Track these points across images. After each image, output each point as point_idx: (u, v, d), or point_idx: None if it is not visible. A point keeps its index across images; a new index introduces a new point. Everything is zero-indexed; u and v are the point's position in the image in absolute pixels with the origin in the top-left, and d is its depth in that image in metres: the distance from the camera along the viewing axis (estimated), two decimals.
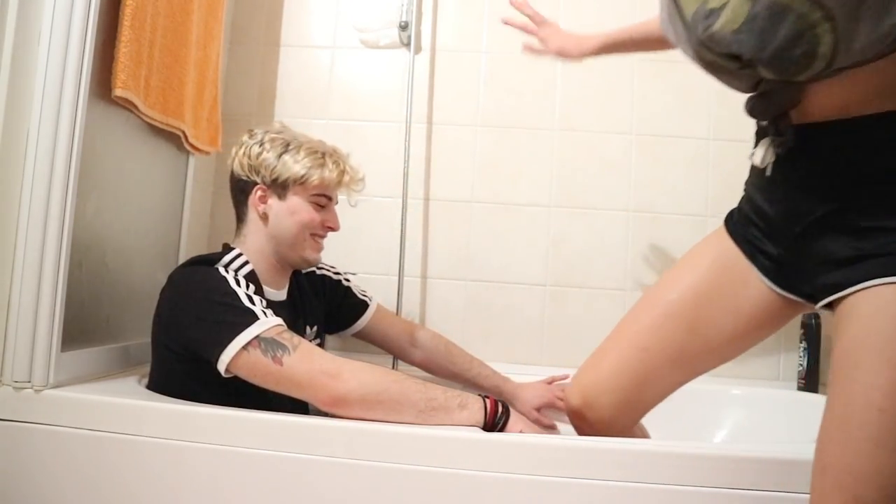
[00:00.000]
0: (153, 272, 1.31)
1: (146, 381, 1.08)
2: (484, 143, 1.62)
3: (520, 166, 1.61)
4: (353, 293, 1.33)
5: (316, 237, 1.15)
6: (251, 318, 0.94)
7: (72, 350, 1.04)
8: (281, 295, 1.16)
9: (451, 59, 1.64)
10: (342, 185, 1.16)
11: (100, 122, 1.10)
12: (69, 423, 0.93)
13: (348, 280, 1.35)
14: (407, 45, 1.59)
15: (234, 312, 0.95)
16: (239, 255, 1.09)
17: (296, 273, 1.21)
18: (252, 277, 1.06)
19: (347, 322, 1.32)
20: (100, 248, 1.15)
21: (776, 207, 0.83)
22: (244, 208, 1.14)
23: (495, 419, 0.96)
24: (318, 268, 1.30)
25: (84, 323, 1.11)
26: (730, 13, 0.65)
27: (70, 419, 0.94)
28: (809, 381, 1.40)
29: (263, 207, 1.12)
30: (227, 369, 0.93)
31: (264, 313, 0.96)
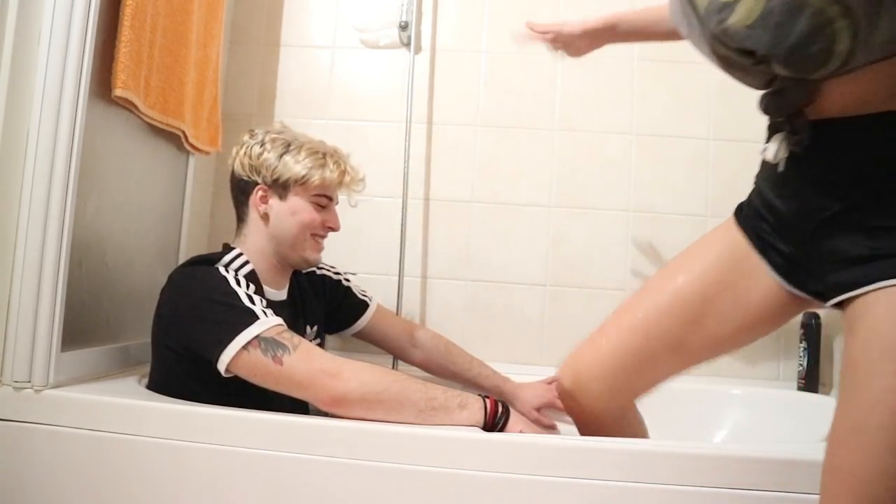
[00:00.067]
0: (153, 272, 1.31)
1: (146, 381, 1.08)
2: (484, 143, 1.62)
3: (520, 166, 1.61)
4: (354, 293, 1.33)
5: (316, 237, 1.15)
6: (251, 317, 0.94)
7: (72, 350, 1.04)
8: (281, 295, 1.16)
9: (451, 59, 1.64)
10: (343, 186, 1.16)
11: (100, 122, 1.10)
12: (69, 423, 0.93)
13: (348, 280, 1.35)
14: (407, 45, 1.60)
15: (235, 312, 0.95)
16: (239, 255, 1.09)
17: (296, 273, 1.21)
18: (252, 277, 1.06)
19: (347, 322, 1.32)
20: (100, 247, 1.15)
21: (788, 204, 0.81)
22: (245, 208, 1.14)
23: (495, 419, 0.96)
24: (319, 268, 1.30)
25: (84, 323, 1.11)
26: (744, 8, 0.64)
27: (70, 419, 0.94)
28: (809, 381, 1.40)
29: (264, 207, 1.12)
30: (228, 369, 0.93)
31: (264, 313, 0.96)
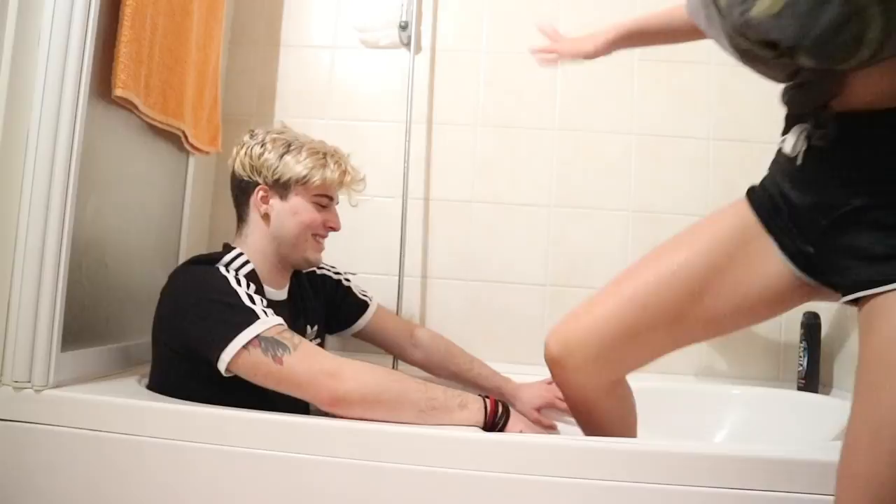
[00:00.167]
0: (153, 272, 1.31)
1: (146, 381, 1.08)
2: (484, 143, 1.62)
3: (520, 166, 1.60)
4: (354, 293, 1.33)
5: (317, 237, 1.15)
6: (252, 317, 0.94)
7: (72, 350, 1.04)
8: (282, 294, 1.16)
9: (451, 59, 1.64)
10: (344, 186, 1.16)
11: (100, 122, 1.10)
12: (69, 423, 0.93)
13: (348, 280, 1.35)
14: (407, 45, 1.59)
15: (235, 312, 0.95)
16: (240, 255, 1.09)
17: (296, 273, 1.21)
18: (253, 277, 1.06)
19: (348, 322, 1.32)
20: (100, 248, 1.15)
21: (803, 197, 0.79)
22: (245, 208, 1.14)
23: (495, 419, 0.96)
24: (319, 268, 1.30)
25: (84, 323, 1.11)
26: None
27: (70, 419, 0.94)
28: (809, 381, 1.40)
29: (265, 208, 1.12)
30: (228, 368, 0.93)
31: (265, 312, 0.96)
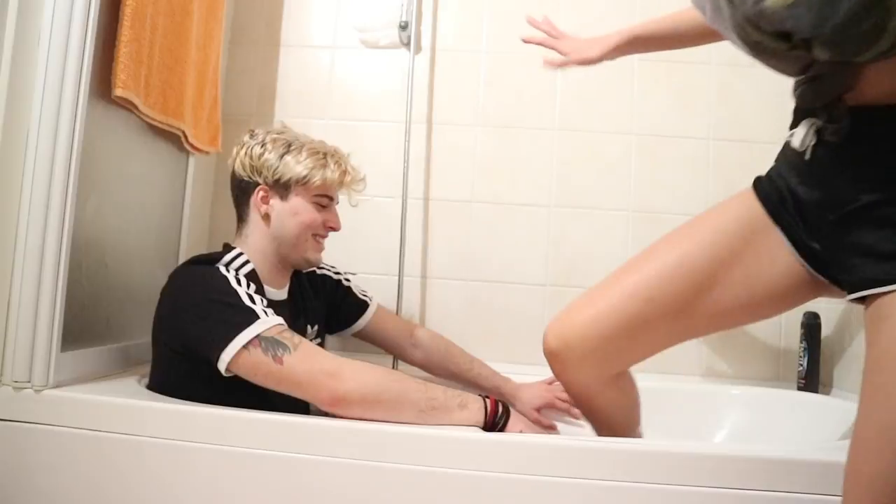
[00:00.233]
0: (153, 272, 1.31)
1: (146, 381, 1.08)
2: (484, 143, 1.62)
3: (520, 166, 1.60)
4: (354, 293, 1.33)
5: (318, 237, 1.15)
6: (252, 317, 0.94)
7: (72, 350, 1.04)
8: (282, 294, 1.16)
9: (451, 59, 1.64)
10: (344, 186, 1.16)
11: (100, 122, 1.10)
12: (69, 423, 0.93)
13: (348, 280, 1.35)
14: (407, 45, 1.59)
15: (235, 311, 0.95)
16: (240, 255, 1.09)
17: (296, 272, 1.21)
18: (253, 277, 1.06)
19: (348, 322, 1.32)
20: (100, 248, 1.15)
21: (811, 192, 0.78)
22: (245, 208, 1.14)
23: (495, 419, 0.96)
24: (319, 267, 1.30)
25: (84, 323, 1.11)
26: None
27: (70, 419, 0.94)
28: (809, 381, 1.40)
29: (265, 208, 1.12)
30: (228, 368, 0.93)
31: (265, 312, 0.96)
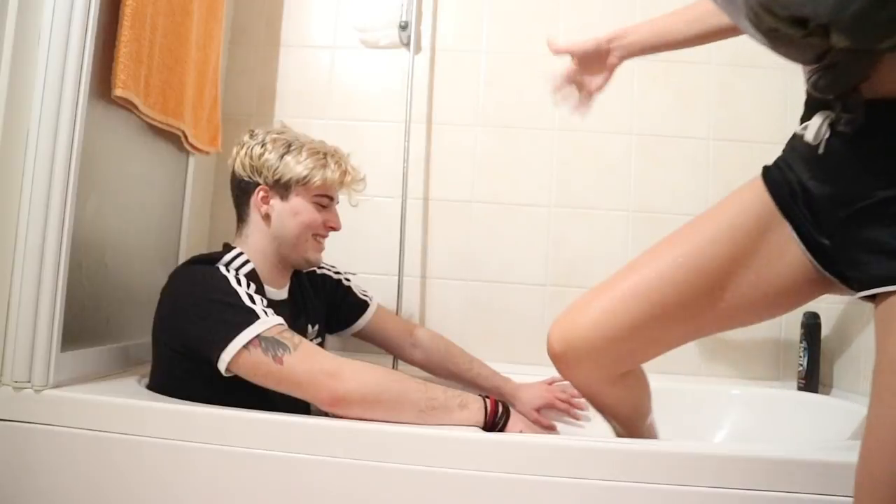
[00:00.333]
0: (153, 272, 1.31)
1: (146, 381, 1.08)
2: (484, 143, 1.62)
3: (520, 166, 1.60)
4: (354, 293, 1.33)
5: (318, 237, 1.15)
6: (252, 317, 0.94)
7: (72, 350, 1.04)
8: (282, 294, 1.16)
9: (451, 59, 1.64)
10: (344, 186, 1.16)
11: (100, 122, 1.09)
12: (69, 423, 0.93)
13: (348, 280, 1.35)
14: (407, 45, 1.59)
15: (235, 311, 0.95)
16: (240, 255, 1.09)
17: (297, 272, 1.21)
18: (253, 276, 1.06)
19: (348, 322, 1.32)
20: (100, 248, 1.15)
21: (822, 187, 0.76)
22: (246, 209, 1.14)
23: (495, 419, 0.96)
24: (319, 267, 1.30)
25: (84, 323, 1.11)
26: None
27: (70, 419, 0.94)
28: (809, 381, 1.40)
29: (266, 208, 1.12)
30: (228, 368, 0.93)
31: (265, 312, 0.96)
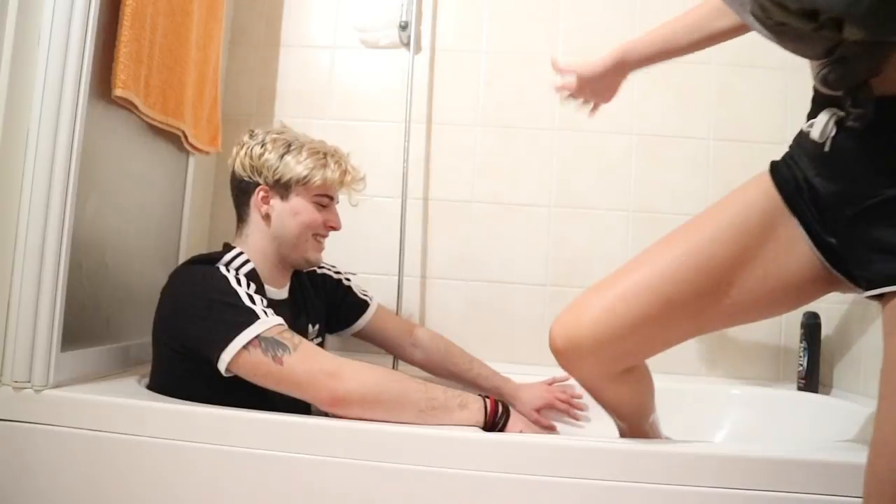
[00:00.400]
0: (153, 272, 1.31)
1: (146, 381, 1.08)
2: (484, 143, 1.62)
3: (520, 166, 1.60)
4: (354, 293, 1.33)
5: (318, 237, 1.15)
6: (252, 317, 0.94)
7: (72, 350, 1.04)
8: (282, 293, 1.16)
9: (451, 59, 1.64)
10: (344, 185, 1.16)
11: (100, 122, 1.09)
12: (69, 423, 0.93)
13: (349, 280, 1.35)
14: (407, 45, 1.59)
15: (235, 312, 0.95)
16: (240, 254, 1.09)
17: (297, 272, 1.21)
18: (253, 276, 1.06)
19: (348, 322, 1.32)
20: (100, 248, 1.15)
21: (830, 186, 0.76)
22: (246, 209, 1.14)
23: (495, 419, 0.97)
24: (319, 267, 1.30)
25: (84, 323, 1.11)
26: None
27: (70, 419, 0.94)
28: (809, 381, 1.40)
29: (266, 208, 1.12)
30: (228, 368, 0.93)
31: (265, 312, 0.96)
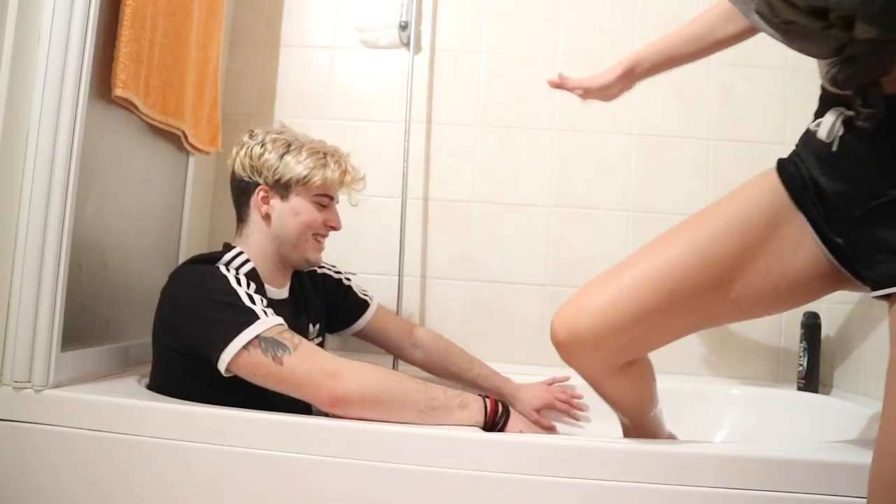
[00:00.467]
0: (153, 272, 1.31)
1: (146, 381, 1.08)
2: (484, 143, 1.62)
3: (520, 166, 1.60)
4: (354, 292, 1.33)
5: (318, 237, 1.15)
6: (252, 317, 0.94)
7: (72, 350, 1.04)
8: (283, 293, 1.16)
9: (451, 59, 1.63)
10: (344, 185, 1.16)
11: (100, 122, 1.09)
12: (69, 423, 0.93)
13: (349, 279, 1.35)
14: (407, 45, 1.59)
15: (235, 312, 0.95)
16: (240, 254, 1.09)
17: (297, 271, 1.21)
18: (253, 276, 1.06)
19: (348, 321, 1.32)
20: (100, 248, 1.15)
21: (835, 185, 0.75)
22: (246, 209, 1.14)
23: (495, 419, 0.97)
24: (319, 267, 1.30)
25: (84, 323, 1.11)
26: None
27: (70, 419, 0.94)
28: (809, 381, 1.40)
29: (266, 208, 1.12)
30: (228, 369, 0.93)
31: (265, 312, 0.96)
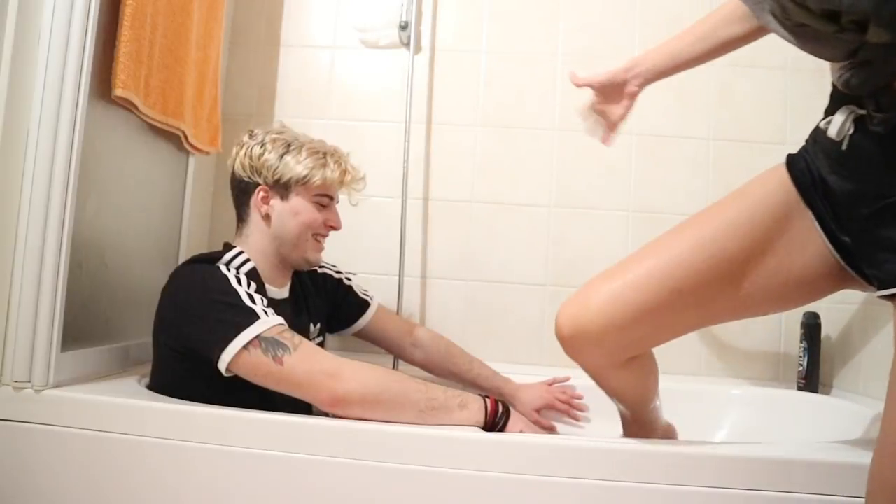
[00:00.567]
0: (153, 272, 1.31)
1: (146, 381, 1.08)
2: (484, 143, 1.62)
3: (520, 166, 1.60)
4: (355, 292, 1.33)
5: (318, 237, 1.15)
6: (252, 317, 0.94)
7: (72, 350, 1.04)
8: (283, 293, 1.16)
9: (451, 59, 1.64)
10: (344, 185, 1.16)
11: (100, 122, 1.09)
12: (69, 423, 0.93)
13: (349, 279, 1.35)
14: (407, 45, 1.59)
15: (235, 311, 0.95)
16: (240, 253, 1.09)
17: (297, 271, 1.21)
18: (253, 275, 1.06)
19: (348, 321, 1.32)
20: (100, 248, 1.15)
21: (843, 184, 0.75)
22: (246, 209, 1.14)
23: (495, 419, 0.97)
24: (320, 266, 1.30)
25: (84, 323, 1.10)
26: None
27: (70, 419, 0.94)
28: (809, 381, 1.40)
29: (266, 208, 1.12)
30: (228, 368, 0.93)
31: (265, 312, 0.96)
